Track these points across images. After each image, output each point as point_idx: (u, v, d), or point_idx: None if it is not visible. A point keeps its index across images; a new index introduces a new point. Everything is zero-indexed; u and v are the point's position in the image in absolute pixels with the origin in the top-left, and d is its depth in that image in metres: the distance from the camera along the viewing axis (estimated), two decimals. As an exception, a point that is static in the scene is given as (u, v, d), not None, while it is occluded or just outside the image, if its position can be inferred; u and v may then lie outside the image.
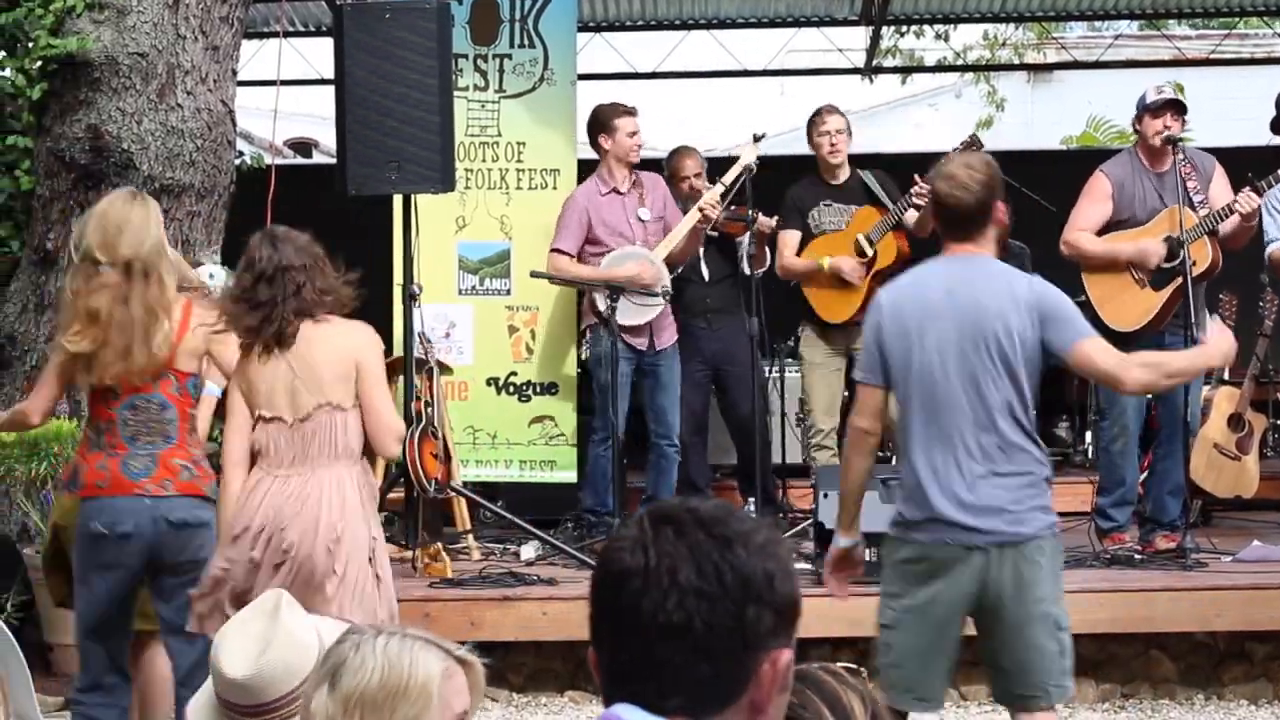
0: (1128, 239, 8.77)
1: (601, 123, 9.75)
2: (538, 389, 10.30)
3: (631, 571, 2.27)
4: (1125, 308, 8.73)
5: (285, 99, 9.70)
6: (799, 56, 15.79)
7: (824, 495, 8.45)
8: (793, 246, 9.86)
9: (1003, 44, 17.28)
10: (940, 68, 17.00)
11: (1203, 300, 8.95)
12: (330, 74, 9.07)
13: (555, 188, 10.20)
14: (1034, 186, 11.20)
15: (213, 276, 6.94)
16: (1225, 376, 10.08)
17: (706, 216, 9.46)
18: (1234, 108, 16.34)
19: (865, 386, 5.84)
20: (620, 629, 2.28)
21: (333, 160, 9.26)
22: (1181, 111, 8.82)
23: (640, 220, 9.67)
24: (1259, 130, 14.41)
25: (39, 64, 8.53)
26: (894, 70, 16.47)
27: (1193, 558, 8.64)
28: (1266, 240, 8.95)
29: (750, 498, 9.92)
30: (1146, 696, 8.29)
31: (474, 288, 10.22)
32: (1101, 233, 8.79)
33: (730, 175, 9.52)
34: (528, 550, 9.26)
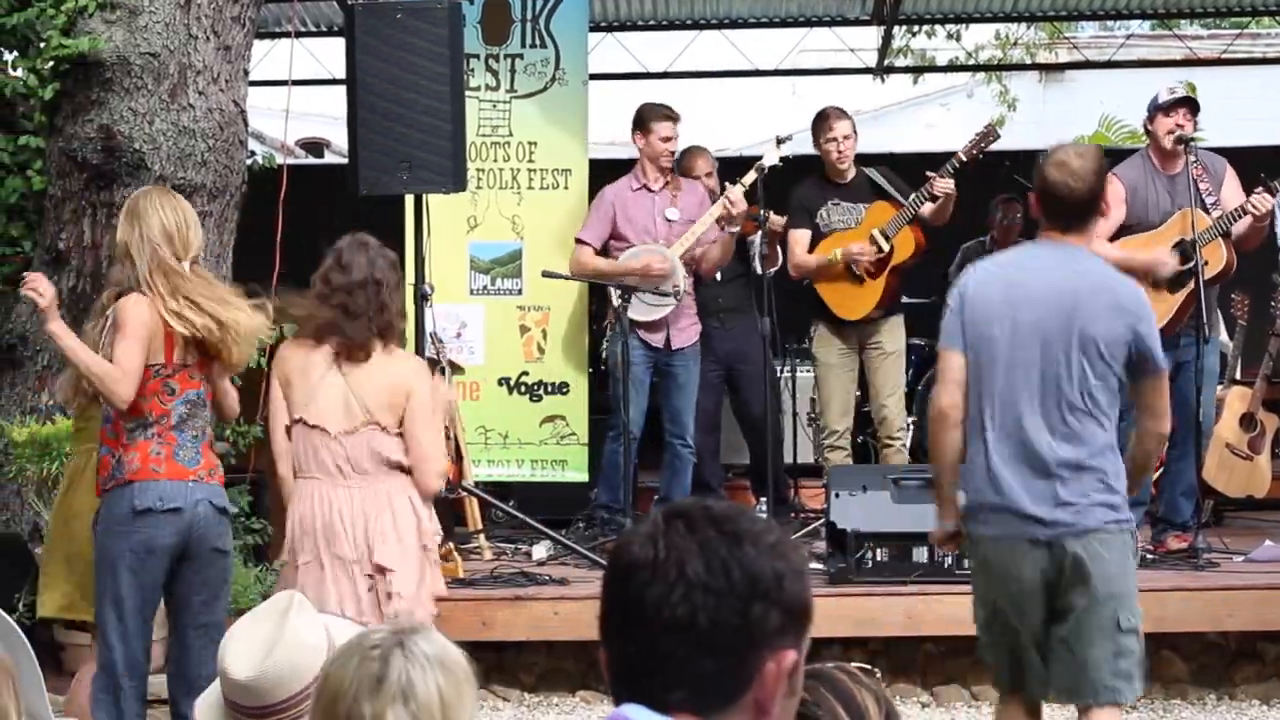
0: (1140, 244, 8.73)
1: (641, 121, 9.80)
2: (549, 389, 10.30)
3: (640, 564, 2.28)
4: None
5: (297, 99, 9.70)
6: (810, 56, 15.77)
7: (836, 495, 8.46)
8: (803, 245, 9.84)
9: (1014, 44, 17.24)
10: (952, 67, 16.97)
11: (1215, 303, 8.94)
12: (342, 74, 9.08)
13: (567, 188, 10.21)
14: (1046, 186, 11.18)
15: None
16: (1238, 376, 10.08)
17: (728, 215, 9.45)
18: (1246, 107, 16.32)
19: (946, 352, 5.80)
20: (627, 621, 2.29)
21: (344, 160, 9.27)
22: (1194, 110, 8.80)
23: (667, 220, 9.67)
24: (1271, 130, 14.41)
25: (51, 64, 8.53)
26: (905, 70, 16.44)
27: (1204, 558, 8.65)
28: None
29: (762, 498, 9.92)
30: (1158, 697, 8.28)
31: (485, 288, 10.22)
32: (1114, 236, 8.74)
33: (750, 176, 9.52)
34: (539, 550, 9.27)
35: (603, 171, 10.26)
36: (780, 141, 9.63)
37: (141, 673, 6.43)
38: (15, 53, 9.01)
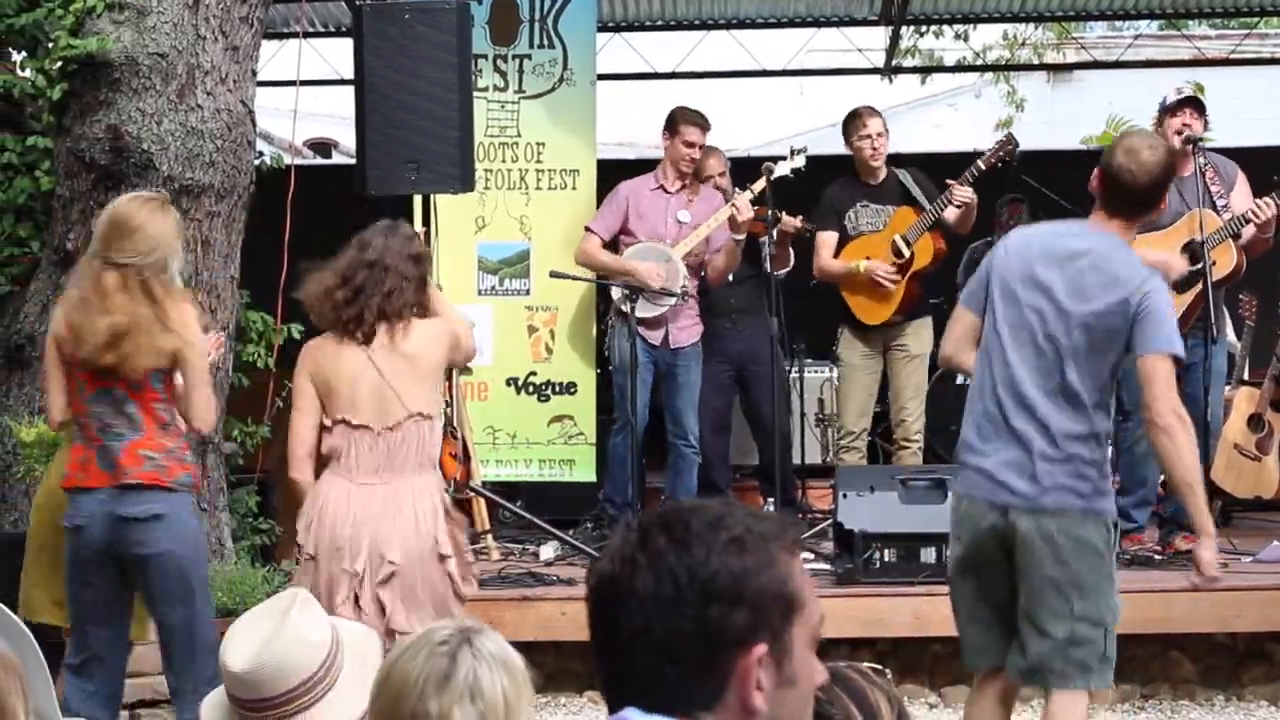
0: (1150, 244, 8.71)
1: (670, 122, 9.91)
2: (557, 389, 10.31)
3: (605, 579, 2.32)
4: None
5: (305, 99, 9.69)
6: (818, 56, 15.76)
7: (843, 496, 8.46)
8: (830, 248, 9.88)
9: (1022, 44, 17.23)
10: (960, 68, 16.96)
11: (1222, 304, 8.93)
12: (350, 74, 9.08)
13: (575, 188, 10.22)
14: (1054, 187, 11.20)
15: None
16: (1245, 377, 10.07)
17: (734, 223, 9.47)
18: (1254, 107, 16.30)
19: (960, 308, 5.89)
20: (599, 635, 2.33)
21: (352, 160, 9.27)
22: (1200, 110, 8.79)
23: (679, 221, 9.71)
24: (1279, 130, 14.35)
25: (59, 64, 8.53)
26: (913, 70, 16.44)
27: (1212, 558, 8.62)
28: None
29: (769, 498, 9.93)
30: (1166, 697, 8.28)
31: (493, 288, 10.23)
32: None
33: (760, 183, 9.54)
34: (547, 550, 9.28)
35: (611, 172, 10.27)
36: (794, 153, 9.66)
37: (104, 677, 6.38)
38: (23, 53, 9.01)
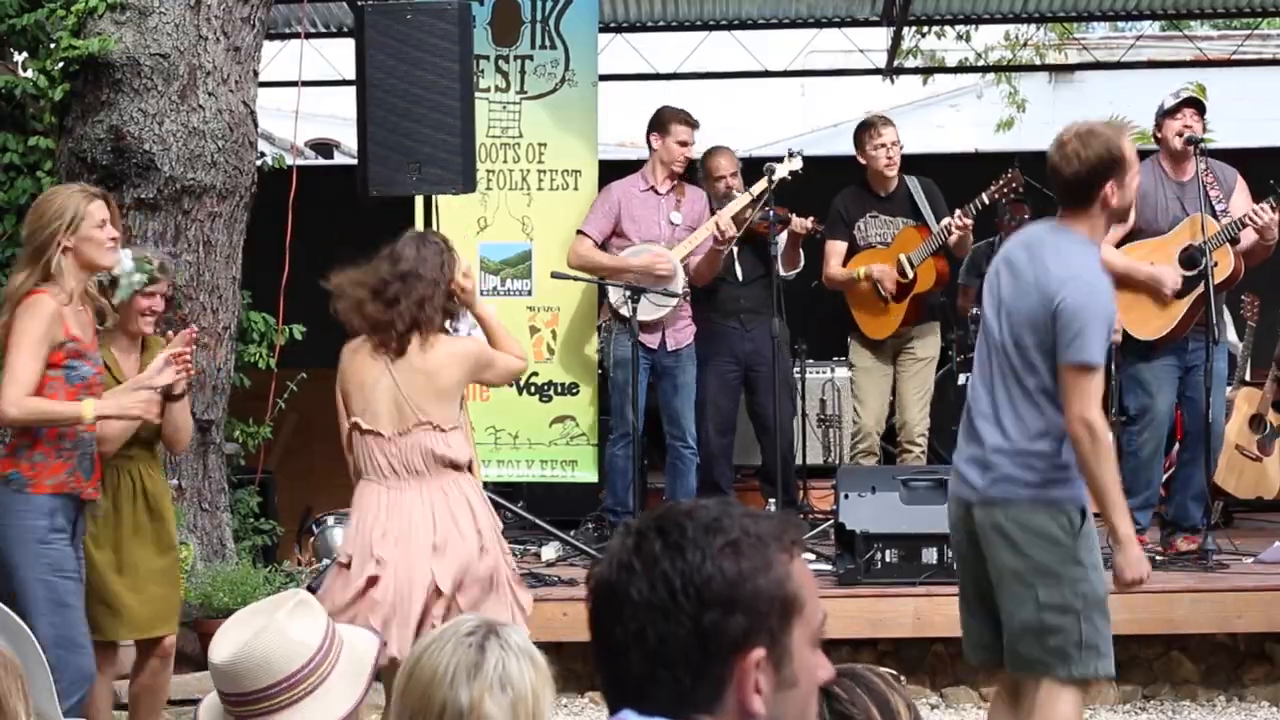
0: (1149, 249, 8.71)
1: (659, 122, 9.85)
2: (559, 389, 10.30)
3: (601, 584, 2.30)
4: (1147, 316, 8.69)
5: (306, 100, 9.70)
6: (820, 57, 15.77)
7: (845, 496, 8.46)
8: (839, 256, 9.90)
9: (1024, 44, 17.23)
10: (961, 68, 16.96)
11: (1224, 307, 8.92)
12: (351, 75, 9.08)
13: (577, 189, 10.20)
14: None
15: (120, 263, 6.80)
16: (1247, 378, 10.07)
17: (722, 231, 9.49)
18: (1256, 108, 16.31)
19: None
20: (595, 639, 2.32)
21: (354, 161, 9.27)
22: (1200, 110, 8.77)
23: (671, 223, 9.72)
24: (1282, 131, 14.34)
25: (61, 65, 8.54)
26: (915, 71, 16.44)
27: (1214, 559, 8.64)
28: None
29: (771, 499, 9.92)
30: (1168, 698, 8.28)
31: (495, 288, 10.21)
32: (1123, 241, 8.72)
33: (757, 187, 9.56)
34: (548, 551, 9.28)
35: (612, 173, 10.26)
36: (791, 155, 9.67)
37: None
38: (25, 54, 9.02)
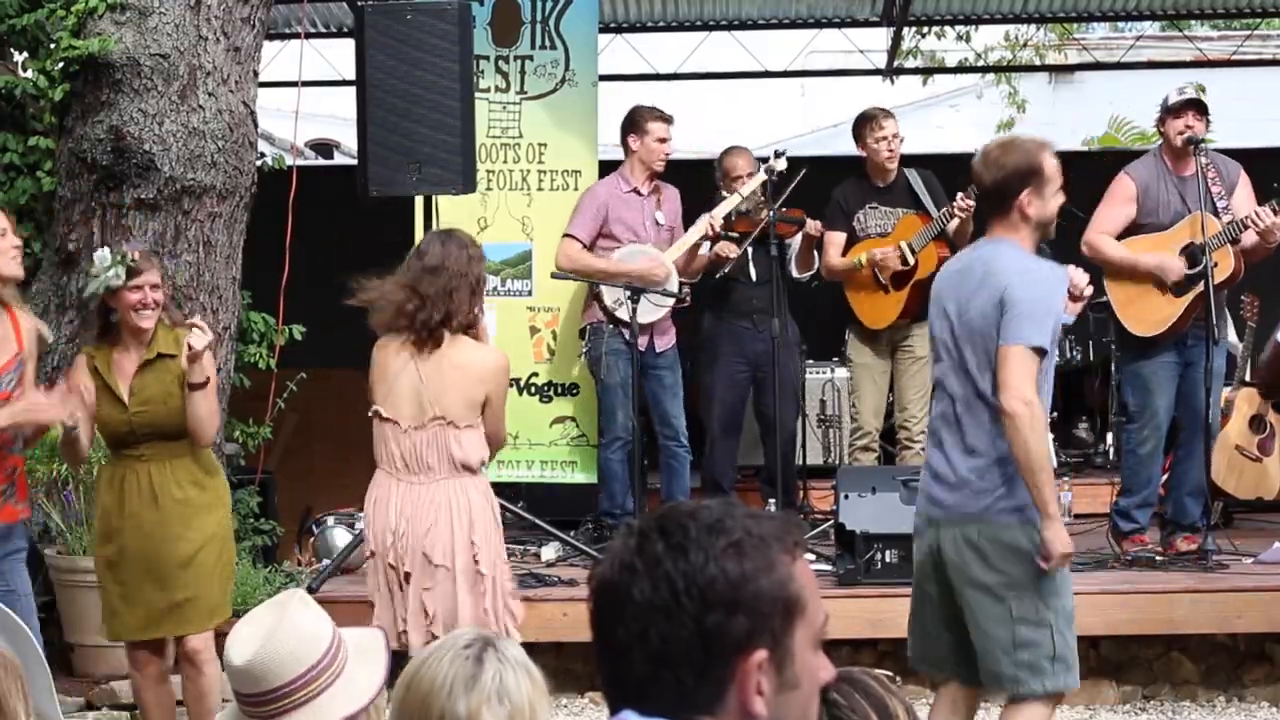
0: (1150, 245, 8.71)
1: (635, 123, 9.81)
2: (559, 390, 10.30)
3: (603, 585, 2.30)
4: (1146, 313, 8.69)
5: (306, 100, 9.69)
6: (820, 57, 15.77)
7: (845, 497, 8.46)
8: (838, 247, 9.91)
9: (1024, 45, 17.23)
10: (961, 69, 16.96)
11: (1224, 306, 8.92)
12: (351, 75, 9.08)
13: (577, 189, 10.19)
14: (1055, 187, 11.17)
15: (103, 259, 6.84)
16: (1247, 378, 10.06)
17: (712, 231, 9.52)
18: (1256, 109, 16.30)
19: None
20: (597, 639, 2.32)
21: (354, 161, 9.27)
22: (1202, 111, 8.76)
23: (657, 223, 9.72)
24: (1281, 131, 14.32)
25: (61, 65, 8.54)
26: (915, 71, 16.44)
27: (1214, 559, 8.63)
28: None
29: (771, 499, 9.92)
30: (1168, 698, 8.28)
31: (495, 289, 10.19)
32: (1124, 235, 8.73)
33: (748, 187, 9.59)
34: (548, 551, 9.28)
35: (613, 172, 10.25)
36: (778, 155, 9.69)
37: None
38: (25, 54, 9.02)
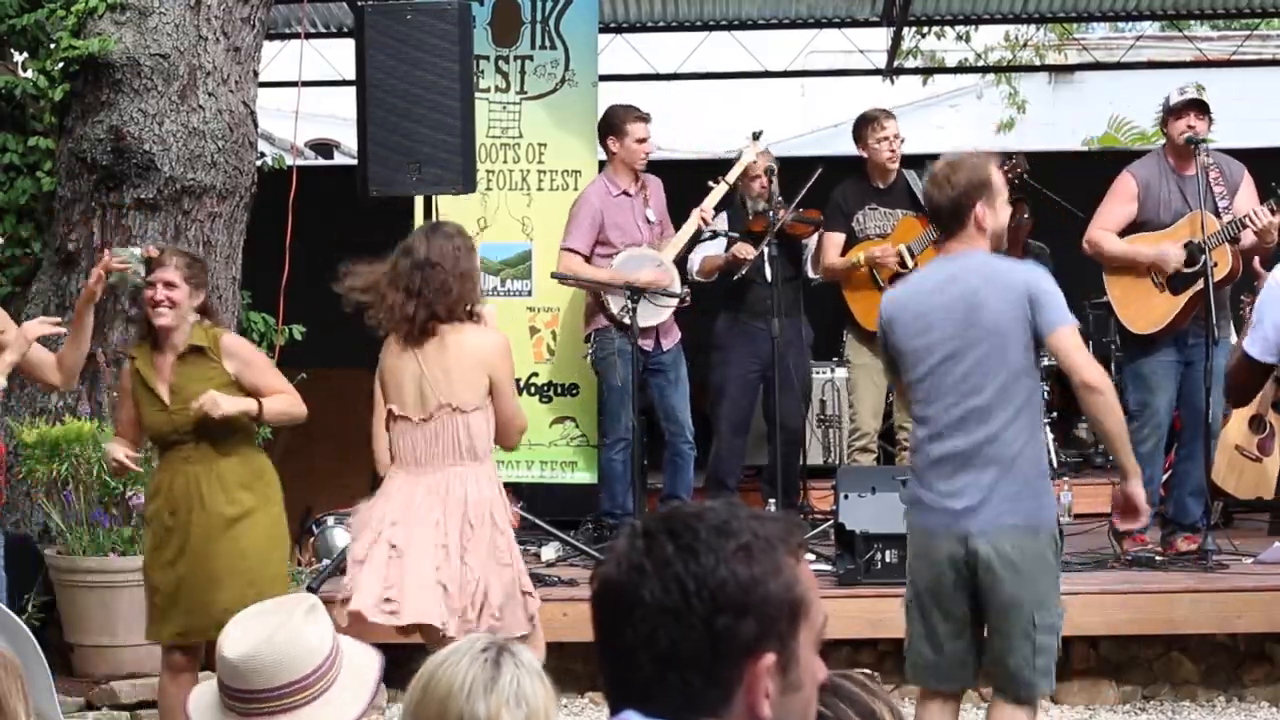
0: (1149, 241, 8.73)
1: (612, 125, 9.77)
2: (559, 390, 10.30)
3: (610, 585, 2.28)
4: (1145, 310, 8.70)
5: (306, 100, 9.69)
6: (820, 58, 15.77)
7: (845, 497, 8.45)
8: (838, 247, 9.90)
9: (1024, 45, 17.24)
10: (961, 69, 16.96)
11: (1226, 305, 8.91)
12: (351, 75, 9.08)
13: (577, 189, 10.18)
14: (1055, 187, 11.20)
15: (133, 257, 6.94)
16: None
17: (705, 221, 9.52)
18: (1256, 109, 16.30)
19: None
20: (603, 638, 2.30)
21: (354, 161, 9.27)
22: (1204, 111, 8.77)
23: (648, 222, 9.72)
24: (1280, 131, 14.32)
25: (61, 65, 8.55)
26: (915, 71, 16.45)
27: (1214, 559, 8.63)
28: None
29: (771, 499, 9.91)
30: (1168, 698, 8.28)
31: (495, 289, 10.20)
32: (1125, 233, 8.75)
33: (732, 175, 9.61)
34: (548, 551, 9.27)
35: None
36: (755, 136, 9.72)
37: None
38: (25, 54, 9.02)
